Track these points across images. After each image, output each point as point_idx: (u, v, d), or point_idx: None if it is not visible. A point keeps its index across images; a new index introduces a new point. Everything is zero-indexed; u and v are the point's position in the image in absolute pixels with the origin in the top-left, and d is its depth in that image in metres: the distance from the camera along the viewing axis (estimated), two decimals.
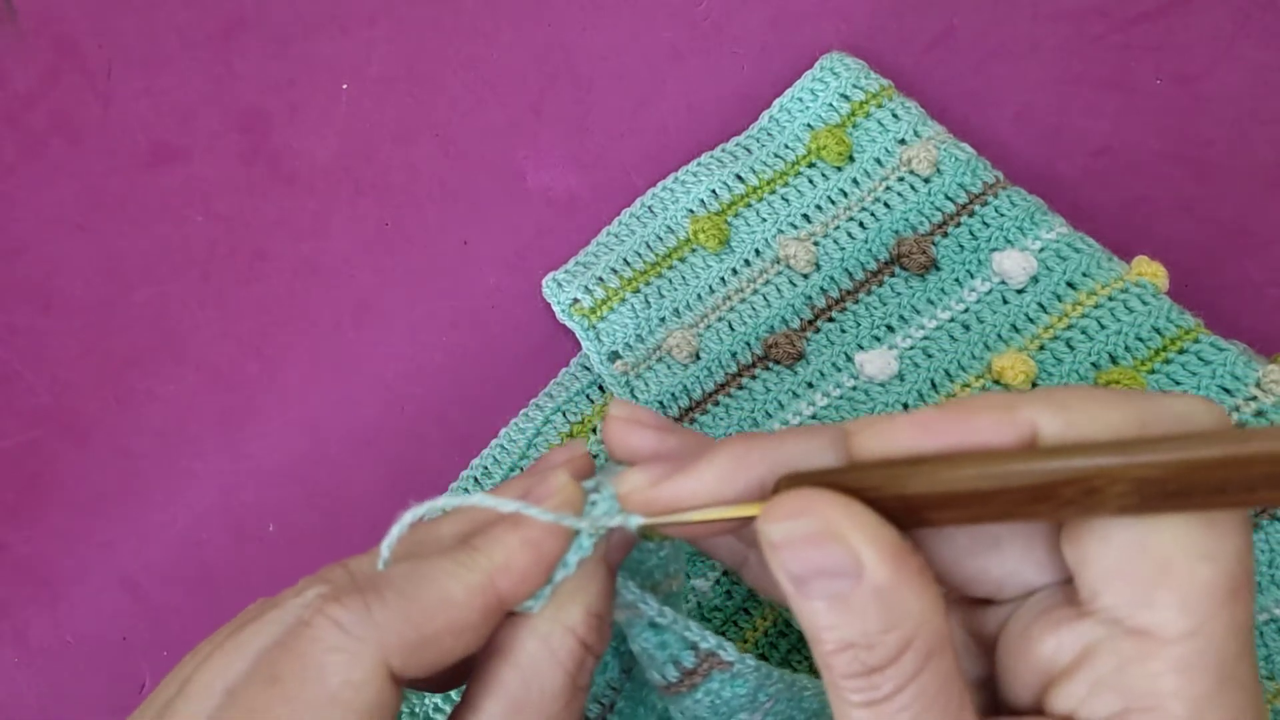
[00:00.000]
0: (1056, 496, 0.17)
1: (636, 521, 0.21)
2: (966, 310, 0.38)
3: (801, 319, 0.40)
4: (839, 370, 0.39)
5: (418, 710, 0.37)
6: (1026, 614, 0.20)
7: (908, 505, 0.18)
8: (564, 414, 0.42)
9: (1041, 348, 0.37)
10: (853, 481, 0.19)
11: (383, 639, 0.19)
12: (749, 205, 0.42)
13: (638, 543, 0.24)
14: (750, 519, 0.20)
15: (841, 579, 0.18)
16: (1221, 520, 0.18)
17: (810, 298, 0.40)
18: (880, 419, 0.20)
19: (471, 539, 0.22)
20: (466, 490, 0.41)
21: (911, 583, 0.18)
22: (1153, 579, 0.18)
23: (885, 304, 0.39)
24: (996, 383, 0.37)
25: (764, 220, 0.42)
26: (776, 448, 0.20)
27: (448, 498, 0.22)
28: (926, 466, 0.18)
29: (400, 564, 0.21)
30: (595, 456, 0.24)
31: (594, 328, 0.41)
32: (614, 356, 0.41)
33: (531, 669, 0.21)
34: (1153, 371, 0.36)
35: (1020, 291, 0.38)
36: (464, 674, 0.23)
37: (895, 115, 0.41)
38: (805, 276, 0.41)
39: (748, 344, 0.40)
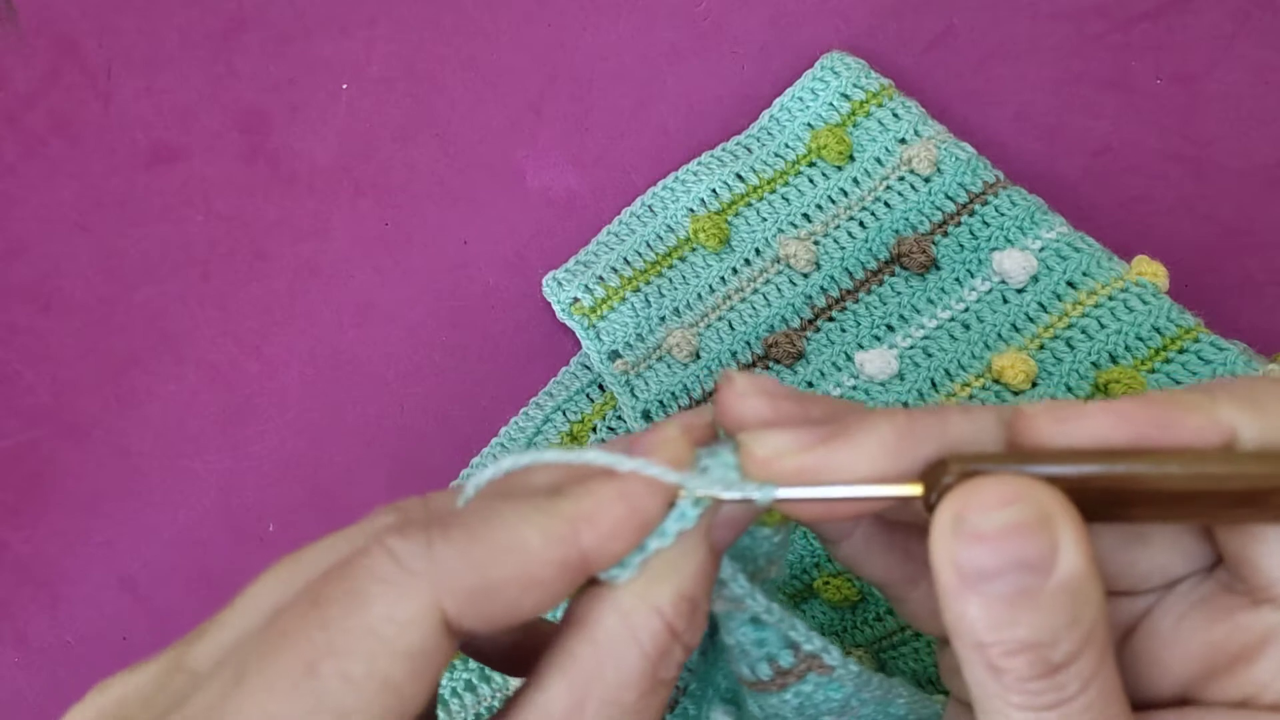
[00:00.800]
0: (1265, 503, 0.17)
1: (770, 494, 0.18)
2: (966, 310, 0.38)
3: (801, 318, 0.40)
4: (839, 370, 0.39)
5: (444, 684, 0.37)
6: (1178, 603, 0.20)
7: (1097, 499, 0.17)
8: (564, 413, 0.42)
9: (1041, 347, 0.37)
10: (1038, 469, 0.17)
11: (440, 578, 0.17)
12: (749, 204, 0.42)
13: (754, 523, 0.21)
14: (906, 499, 0.18)
15: (1036, 573, 0.17)
16: None
17: (810, 297, 0.40)
18: (1064, 404, 0.18)
19: (562, 487, 0.19)
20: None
21: (1095, 576, 0.17)
22: None
23: (885, 303, 0.39)
24: (996, 382, 0.37)
25: (764, 219, 0.42)
26: (941, 424, 0.18)
27: (554, 451, 0.19)
28: (1126, 460, 0.17)
29: (478, 503, 0.19)
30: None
31: (594, 327, 0.41)
32: (614, 355, 0.41)
33: (608, 647, 0.18)
34: (1153, 371, 0.35)
35: (1020, 291, 0.38)
36: (533, 658, 0.20)
37: (895, 115, 0.41)
38: (805, 276, 0.41)
39: (748, 343, 0.40)
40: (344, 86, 0.47)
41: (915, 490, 0.18)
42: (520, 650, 0.24)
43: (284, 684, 0.16)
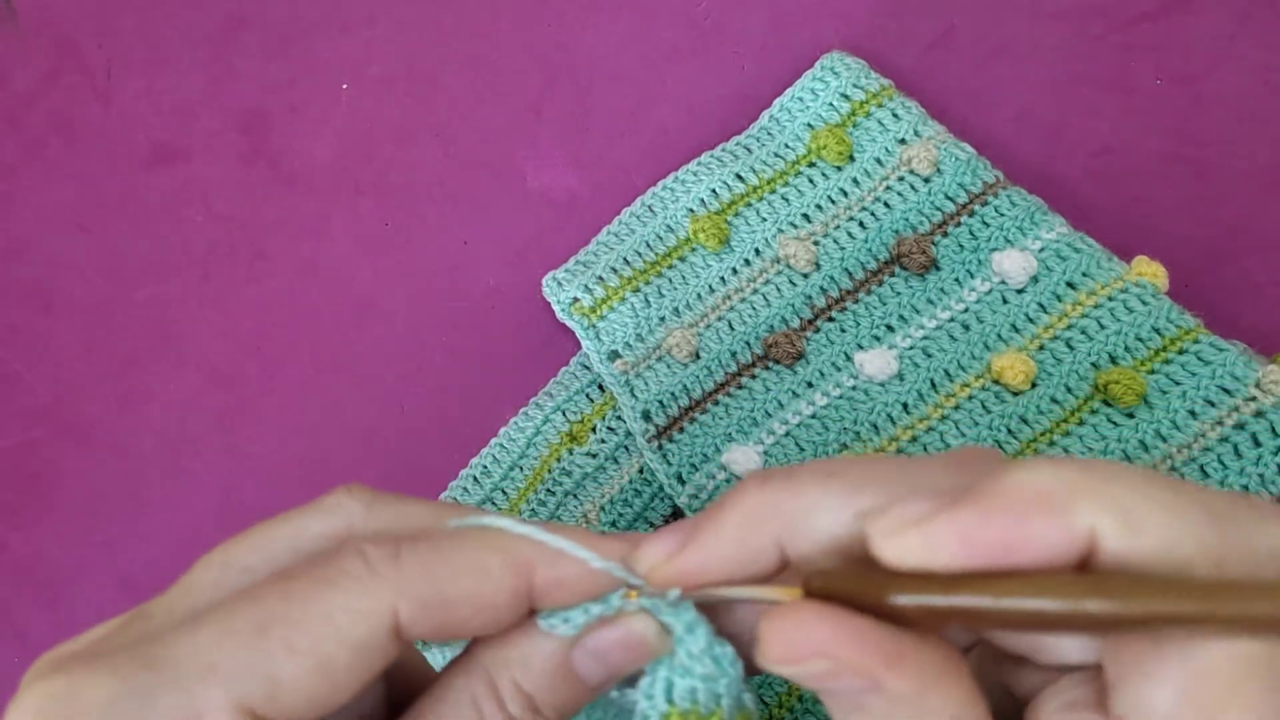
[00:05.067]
0: (1119, 631, 0.16)
1: (675, 595, 0.20)
2: (966, 310, 0.38)
3: (801, 318, 0.40)
4: (839, 370, 0.39)
5: None
6: (1056, 701, 0.18)
7: (946, 619, 0.17)
8: (564, 413, 0.42)
9: (1041, 348, 0.37)
10: (881, 594, 0.17)
11: (400, 584, 0.19)
12: (749, 205, 0.42)
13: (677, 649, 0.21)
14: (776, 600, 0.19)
15: (860, 695, 0.17)
16: None
17: (810, 297, 0.40)
18: (909, 517, 0.17)
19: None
20: (465, 489, 0.41)
21: (941, 684, 0.17)
22: None
23: (885, 304, 0.39)
24: (996, 382, 0.37)
25: (764, 220, 0.42)
26: (792, 502, 0.19)
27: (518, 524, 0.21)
28: (969, 587, 0.16)
29: (456, 527, 0.21)
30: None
31: (594, 327, 0.41)
32: (614, 356, 0.41)
33: (446, 702, 0.20)
34: (1152, 372, 0.35)
35: (1020, 291, 0.38)
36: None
37: (895, 115, 0.41)
38: (805, 276, 0.41)
39: (747, 343, 0.40)
40: (344, 86, 0.47)
41: (783, 596, 0.19)
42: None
43: (232, 637, 0.18)
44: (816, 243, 0.41)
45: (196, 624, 0.18)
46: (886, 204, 0.41)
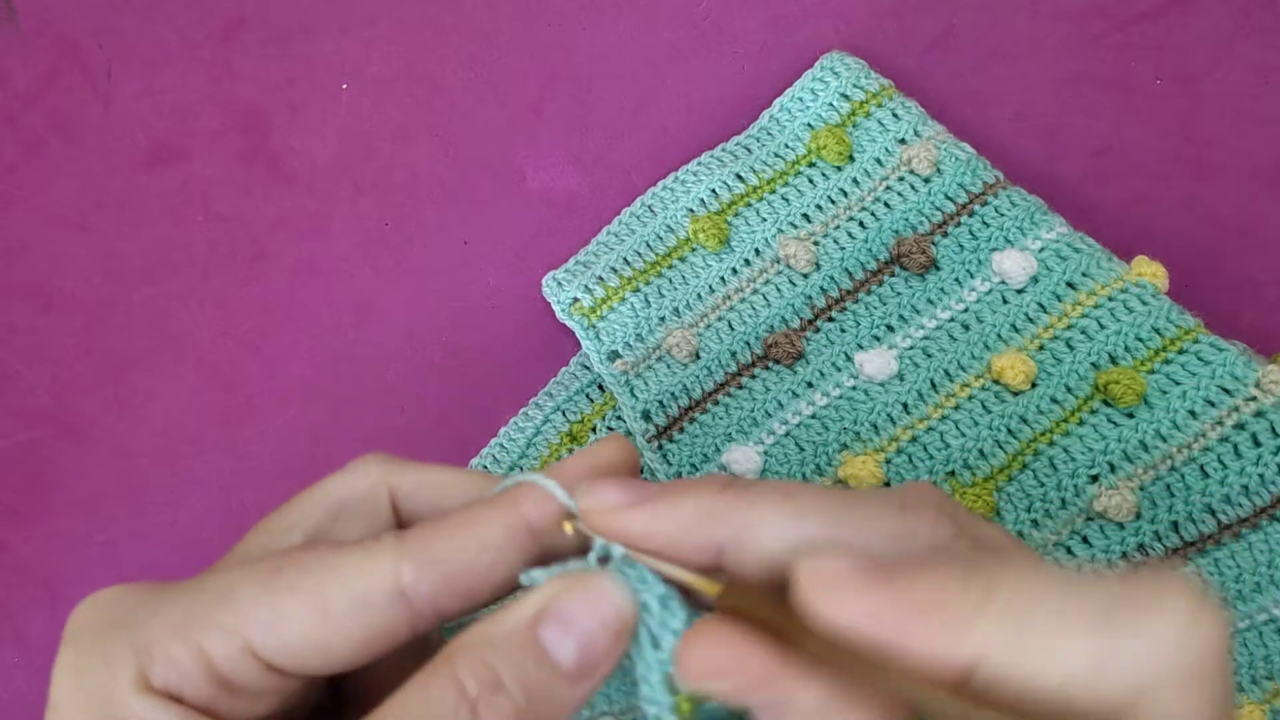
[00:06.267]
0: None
1: (619, 550, 0.21)
2: (966, 310, 0.38)
3: (801, 318, 0.40)
4: (839, 370, 0.39)
5: None
6: None
7: (834, 665, 0.18)
8: (564, 413, 0.42)
9: (1041, 348, 0.37)
10: (789, 624, 0.18)
11: (403, 549, 0.20)
12: (749, 205, 0.42)
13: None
14: (700, 589, 0.20)
15: (774, 710, 0.18)
16: None
17: (810, 297, 0.40)
18: (837, 570, 0.18)
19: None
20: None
21: (843, 698, 0.18)
22: None
23: (885, 304, 0.39)
24: (996, 382, 0.37)
25: (764, 220, 0.42)
26: (745, 514, 0.20)
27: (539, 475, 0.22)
28: (860, 662, 0.18)
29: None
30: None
31: (594, 327, 0.41)
32: (614, 356, 0.41)
33: (423, 688, 0.20)
34: (1152, 372, 0.36)
35: (1020, 291, 0.38)
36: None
37: (895, 115, 0.41)
38: (805, 276, 0.41)
39: (747, 343, 0.40)
40: (344, 86, 0.47)
41: (709, 589, 0.20)
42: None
43: (251, 576, 0.20)
44: (816, 243, 0.41)
45: (230, 566, 0.21)
46: (886, 204, 0.41)
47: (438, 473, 0.24)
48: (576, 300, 0.42)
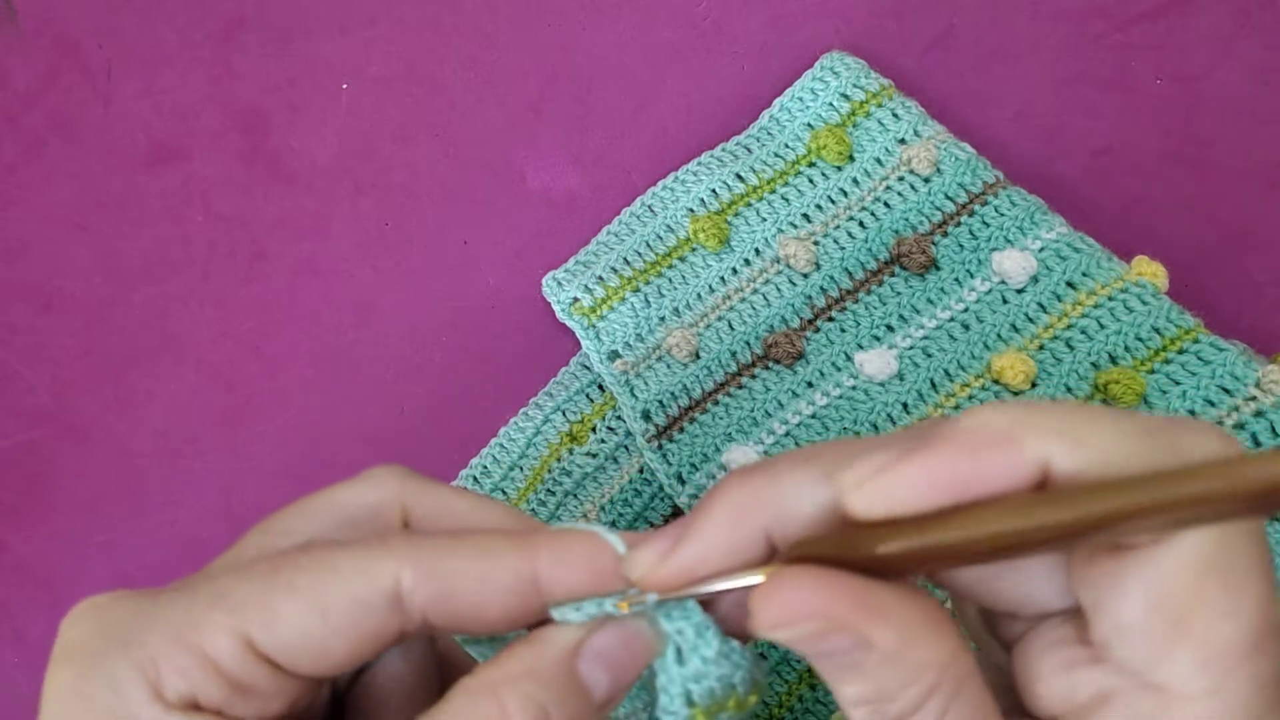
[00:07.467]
0: (1084, 539, 0.16)
1: (653, 599, 0.20)
2: (966, 310, 0.38)
3: (801, 318, 0.40)
4: (839, 370, 0.39)
5: None
6: (1040, 641, 0.20)
7: (922, 560, 0.18)
8: (564, 413, 0.42)
9: (1041, 347, 0.37)
10: (860, 549, 0.18)
11: (405, 553, 0.20)
12: (749, 204, 0.42)
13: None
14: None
15: (852, 653, 0.18)
16: (1240, 572, 0.17)
17: (810, 297, 0.40)
18: (874, 466, 0.18)
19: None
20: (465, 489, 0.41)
21: (928, 636, 0.18)
22: (1171, 636, 0.17)
23: (885, 304, 0.39)
24: (996, 382, 0.37)
25: (764, 219, 0.42)
26: (772, 490, 0.19)
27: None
28: (937, 525, 0.17)
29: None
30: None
31: (594, 327, 0.41)
32: (614, 355, 0.41)
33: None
34: (1152, 372, 0.35)
35: (1020, 291, 0.38)
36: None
37: (895, 115, 0.41)
38: (805, 276, 0.41)
39: (747, 343, 0.40)
40: (344, 86, 0.47)
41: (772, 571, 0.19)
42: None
43: (248, 576, 0.20)
44: (816, 243, 0.41)
45: (225, 568, 0.21)
46: (886, 204, 0.41)
47: (460, 500, 0.23)
48: (576, 300, 0.42)
